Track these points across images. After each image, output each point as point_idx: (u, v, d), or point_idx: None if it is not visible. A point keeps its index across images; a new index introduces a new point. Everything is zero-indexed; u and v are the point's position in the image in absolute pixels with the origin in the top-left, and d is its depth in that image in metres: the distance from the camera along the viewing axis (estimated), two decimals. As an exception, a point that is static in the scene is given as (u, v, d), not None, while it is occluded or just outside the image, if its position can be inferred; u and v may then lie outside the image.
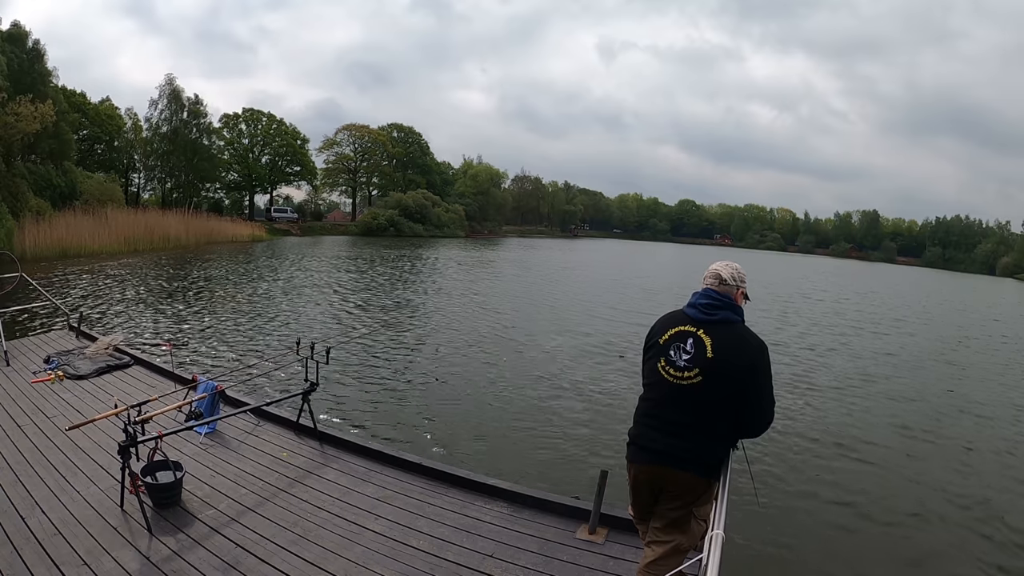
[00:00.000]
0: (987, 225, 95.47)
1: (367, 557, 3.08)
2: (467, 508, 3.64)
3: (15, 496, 3.36)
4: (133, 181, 45.31)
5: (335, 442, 4.48)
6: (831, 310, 21.18)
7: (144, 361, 6.13)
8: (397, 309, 15.09)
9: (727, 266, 2.51)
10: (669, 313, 2.56)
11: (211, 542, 3.11)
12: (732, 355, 2.32)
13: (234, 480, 3.81)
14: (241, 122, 52.71)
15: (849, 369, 11.59)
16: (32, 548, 2.90)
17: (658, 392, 2.42)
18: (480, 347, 11.06)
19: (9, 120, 21.97)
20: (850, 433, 7.70)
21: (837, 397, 9.40)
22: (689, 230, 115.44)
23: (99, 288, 14.97)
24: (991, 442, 7.82)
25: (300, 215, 54.56)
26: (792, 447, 6.98)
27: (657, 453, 2.39)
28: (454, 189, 70.75)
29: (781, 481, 6.06)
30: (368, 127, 63.14)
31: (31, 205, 22.54)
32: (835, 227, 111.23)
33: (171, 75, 45.67)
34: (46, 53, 26.67)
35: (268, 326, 11.81)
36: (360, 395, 7.76)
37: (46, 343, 6.75)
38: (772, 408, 2.42)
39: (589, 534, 3.36)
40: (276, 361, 8.19)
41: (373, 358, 9.69)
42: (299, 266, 24.55)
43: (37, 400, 4.93)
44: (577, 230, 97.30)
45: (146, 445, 3.45)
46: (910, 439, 7.73)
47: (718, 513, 2.13)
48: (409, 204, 53.78)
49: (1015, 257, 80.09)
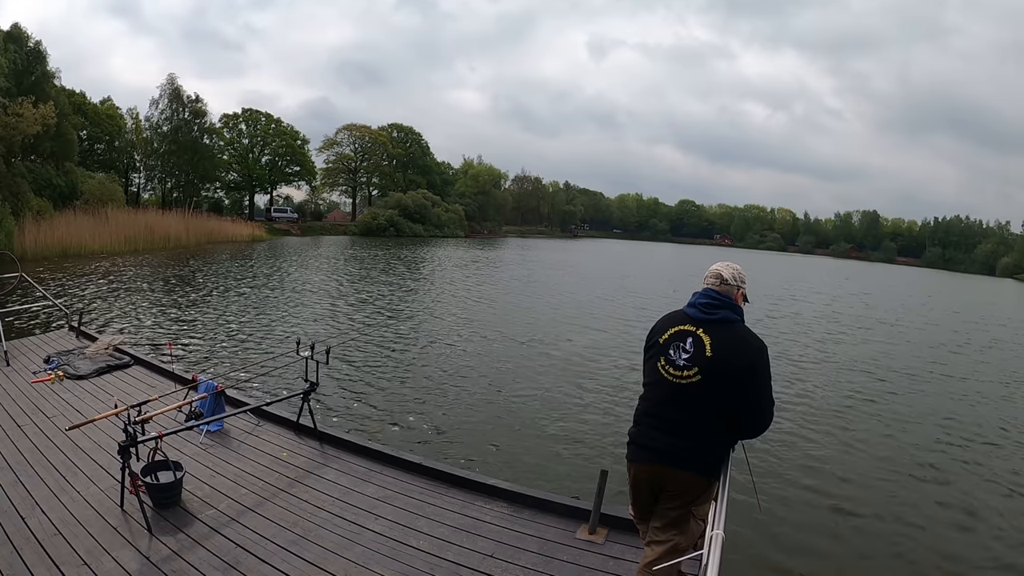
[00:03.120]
0: (987, 225, 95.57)
1: (367, 557, 3.08)
2: (467, 508, 3.63)
3: (15, 496, 3.36)
4: (133, 181, 45.32)
5: (335, 442, 4.48)
6: (824, 313, 21.16)
7: (144, 361, 6.13)
8: (396, 309, 15.09)
9: (728, 266, 2.52)
10: (669, 313, 2.57)
11: (211, 542, 3.11)
12: (731, 355, 2.32)
13: (234, 480, 3.81)
14: (241, 122, 52.80)
15: (849, 369, 11.60)
16: (32, 548, 2.90)
17: (658, 391, 2.43)
18: (480, 347, 11.07)
19: (10, 121, 21.97)
20: (851, 433, 7.70)
21: (838, 397, 9.41)
22: (689, 230, 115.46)
23: (99, 288, 14.97)
24: (1003, 459, 7.68)
25: (300, 215, 54.57)
26: (792, 448, 6.97)
27: (657, 452, 2.40)
28: (454, 189, 70.78)
29: (781, 481, 6.06)
30: (368, 127, 63.27)
31: (32, 205, 22.53)
32: (835, 227, 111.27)
33: (173, 75, 45.82)
34: (48, 54, 26.72)
35: (268, 326, 11.81)
36: (360, 395, 7.76)
37: (46, 343, 6.75)
38: (771, 408, 2.42)
39: (589, 534, 3.36)
40: (276, 361, 8.18)
41: (373, 358, 9.69)
42: (299, 266, 24.56)
43: (37, 400, 4.92)
44: (577, 230, 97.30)
45: (146, 445, 3.45)
46: (911, 439, 7.73)
47: (718, 513, 2.13)
48: (409, 204, 53.81)
49: (1015, 257, 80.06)
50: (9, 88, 22.83)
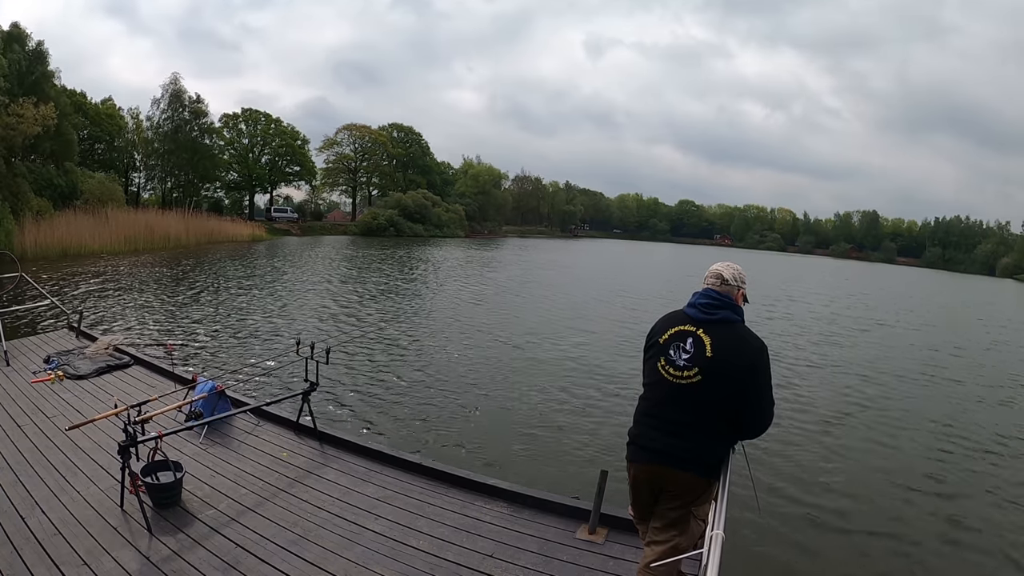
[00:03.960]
0: (987, 226, 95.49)
1: (367, 557, 3.08)
2: (467, 508, 3.63)
3: (15, 496, 3.36)
4: (133, 181, 45.33)
5: (335, 442, 4.48)
6: (822, 315, 21.16)
7: (144, 361, 6.13)
8: (396, 309, 15.09)
9: (728, 266, 2.52)
10: (670, 313, 2.57)
11: (211, 542, 3.11)
12: (731, 355, 2.32)
13: (234, 480, 3.81)
14: (241, 122, 52.75)
15: (848, 372, 11.59)
16: (32, 548, 2.90)
17: (658, 391, 2.43)
18: (480, 347, 11.06)
19: (11, 122, 21.97)
20: (852, 434, 7.70)
21: (839, 397, 9.41)
22: (689, 230, 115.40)
23: (99, 288, 14.97)
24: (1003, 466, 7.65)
25: (300, 215, 54.56)
26: (793, 448, 6.97)
27: (657, 452, 2.40)
28: (454, 189, 70.75)
29: (782, 481, 6.06)
30: (368, 127, 63.24)
31: (32, 205, 22.53)
32: (835, 227, 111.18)
33: (176, 74, 45.80)
34: (49, 54, 26.71)
35: (268, 326, 11.81)
36: (360, 395, 7.76)
37: (46, 343, 6.75)
38: (771, 408, 2.42)
39: (589, 534, 3.36)
40: (276, 361, 8.19)
41: (373, 358, 9.69)
42: (299, 266, 24.55)
43: (37, 400, 4.93)
44: (577, 230, 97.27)
45: (146, 445, 3.46)
46: (911, 440, 7.73)
47: (718, 513, 2.13)
48: (409, 204, 53.80)
49: (1015, 258, 80.00)
50: (10, 88, 22.82)
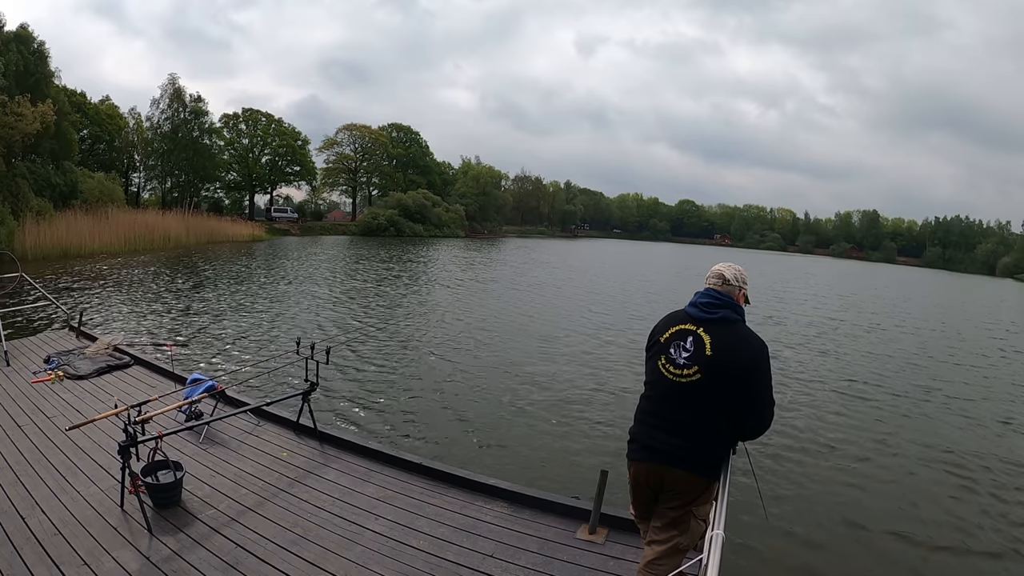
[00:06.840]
0: (987, 225, 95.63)
1: (367, 557, 3.08)
2: (467, 508, 3.63)
3: (15, 496, 3.36)
4: (133, 181, 45.34)
5: (335, 442, 4.48)
6: (827, 314, 21.15)
7: (144, 361, 6.13)
8: (396, 309, 15.09)
9: (730, 267, 2.53)
10: (671, 312, 2.57)
11: (211, 542, 3.11)
12: (731, 354, 2.32)
13: (234, 480, 3.81)
14: (241, 122, 52.77)
15: (851, 373, 11.59)
16: (32, 548, 2.90)
17: (658, 390, 2.43)
18: (480, 346, 11.06)
19: (10, 121, 21.96)
20: (852, 434, 7.70)
21: (839, 398, 9.41)
22: (689, 230, 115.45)
23: (99, 288, 14.97)
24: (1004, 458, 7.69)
25: (300, 215, 54.59)
26: (793, 448, 6.97)
27: (657, 452, 2.39)
28: (454, 189, 70.74)
29: (782, 481, 6.05)
30: (368, 127, 63.25)
31: (32, 205, 22.52)
32: (835, 227, 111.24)
33: (174, 74, 45.86)
34: (49, 55, 26.70)
35: (268, 326, 11.81)
36: (360, 395, 7.76)
37: (46, 343, 6.75)
38: (771, 408, 2.42)
39: (589, 534, 3.36)
40: (276, 361, 8.18)
41: (373, 358, 9.68)
42: (299, 266, 24.54)
43: (37, 400, 4.93)
44: (577, 230, 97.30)
45: (146, 445, 3.45)
46: (912, 441, 7.73)
47: (718, 513, 2.13)
48: (409, 204, 53.81)
49: (1015, 257, 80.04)
50: (10, 87, 22.81)
